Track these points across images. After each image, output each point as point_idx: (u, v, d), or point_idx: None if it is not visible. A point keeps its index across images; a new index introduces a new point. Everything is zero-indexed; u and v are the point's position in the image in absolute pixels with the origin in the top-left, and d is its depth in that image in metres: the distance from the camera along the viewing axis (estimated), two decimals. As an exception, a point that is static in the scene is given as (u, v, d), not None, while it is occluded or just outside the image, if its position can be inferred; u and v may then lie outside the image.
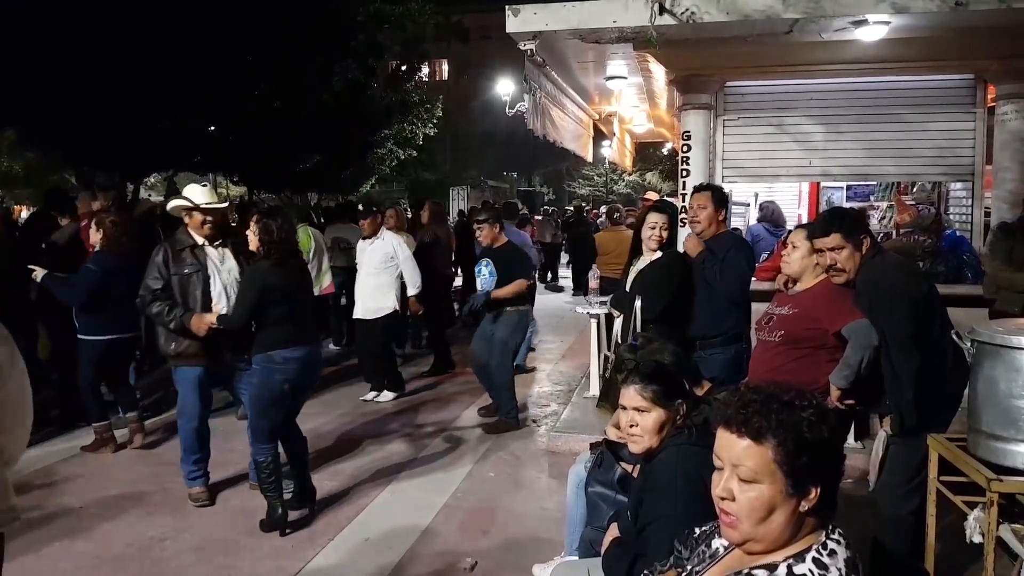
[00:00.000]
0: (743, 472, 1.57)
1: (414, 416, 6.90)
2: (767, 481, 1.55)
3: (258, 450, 4.45)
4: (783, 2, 5.06)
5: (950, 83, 6.67)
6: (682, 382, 2.85)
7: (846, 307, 3.47)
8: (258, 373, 4.39)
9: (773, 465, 1.55)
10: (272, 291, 4.33)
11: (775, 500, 1.55)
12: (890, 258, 3.52)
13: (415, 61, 19.93)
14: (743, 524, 1.58)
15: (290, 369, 4.36)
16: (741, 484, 1.58)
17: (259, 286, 4.35)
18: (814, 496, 1.55)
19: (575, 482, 3.75)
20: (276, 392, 4.38)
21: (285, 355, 4.34)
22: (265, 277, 4.35)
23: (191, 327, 4.57)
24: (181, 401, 4.92)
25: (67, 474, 5.39)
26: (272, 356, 4.34)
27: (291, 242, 4.53)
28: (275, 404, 4.42)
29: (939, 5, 4.90)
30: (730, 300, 4.57)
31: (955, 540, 3.17)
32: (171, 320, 4.60)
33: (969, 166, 6.65)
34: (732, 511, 1.59)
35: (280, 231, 4.39)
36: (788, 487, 1.55)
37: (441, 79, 43.38)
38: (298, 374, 4.40)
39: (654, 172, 32.37)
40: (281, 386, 4.37)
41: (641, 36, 5.47)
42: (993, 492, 2.87)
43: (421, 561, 4.17)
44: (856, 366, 3.38)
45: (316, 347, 4.63)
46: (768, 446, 1.55)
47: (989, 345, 3.02)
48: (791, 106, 6.90)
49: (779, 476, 1.55)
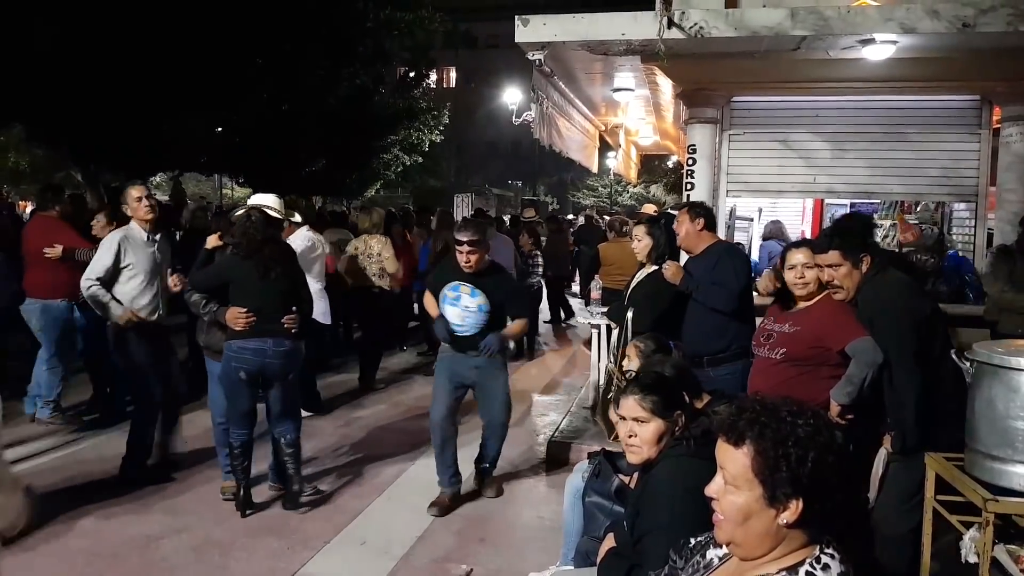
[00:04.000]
0: (727, 476, 1.62)
1: (412, 422, 6.90)
2: (745, 488, 1.58)
3: (233, 434, 4.71)
4: (791, 19, 5.10)
5: (956, 104, 6.69)
6: (681, 394, 2.87)
7: (850, 325, 3.45)
8: (223, 361, 4.68)
9: (750, 473, 1.57)
10: (234, 281, 4.61)
11: (751, 508, 1.57)
12: (892, 276, 3.53)
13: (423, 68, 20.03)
14: (726, 525, 1.62)
15: (243, 359, 4.56)
16: (726, 487, 1.62)
17: (220, 271, 4.73)
18: (795, 509, 1.54)
19: (572, 492, 3.76)
20: (233, 379, 4.60)
21: (239, 345, 4.57)
22: (229, 267, 4.68)
23: (223, 320, 4.66)
24: (210, 394, 5.10)
25: (63, 471, 5.39)
26: (230, 345, 4.61)
27: (260, 240, 4.65)
28: (234, 391, 4.64)
29: (947, 26, 4.93)
30: (721, 313, 4.53)
31: (950, 560, 3.16)
32: (206, 312, 4.78)
33: (973, 187, 6.67)
34: (717, 510, 1.64)
35: (248, 230, 4.63)
36: (764, 497, 1.56)
37: (448, 86, 43.53)
38: (252, 364, 4.58)
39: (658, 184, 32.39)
40: (236, 374, 4.58)
41: (649, 49, 5.51)
42: (989, 512, 2.87)
43: (417, 567, 4.17)
44: (859, 383, 3.37)
45: (277, 340, 4.62)
46: (746, 453, 1.58)
47: (988, 365, 3.02)
48: (797, 122, 6.92)
49: (756, 485, 1.57)
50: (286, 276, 4.74)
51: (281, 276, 4.69)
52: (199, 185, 32.29)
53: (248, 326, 4.54)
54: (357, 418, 7.01)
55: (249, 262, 4.60)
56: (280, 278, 4.67)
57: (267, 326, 4.59)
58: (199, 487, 5.15)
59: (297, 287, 4.84)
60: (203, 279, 4.78)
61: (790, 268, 3.70)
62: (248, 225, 4.65)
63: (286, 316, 4.65)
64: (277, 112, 13.35)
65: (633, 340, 3.90)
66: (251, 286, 4.59)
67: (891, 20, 5.02)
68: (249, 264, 4.60)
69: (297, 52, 12.51)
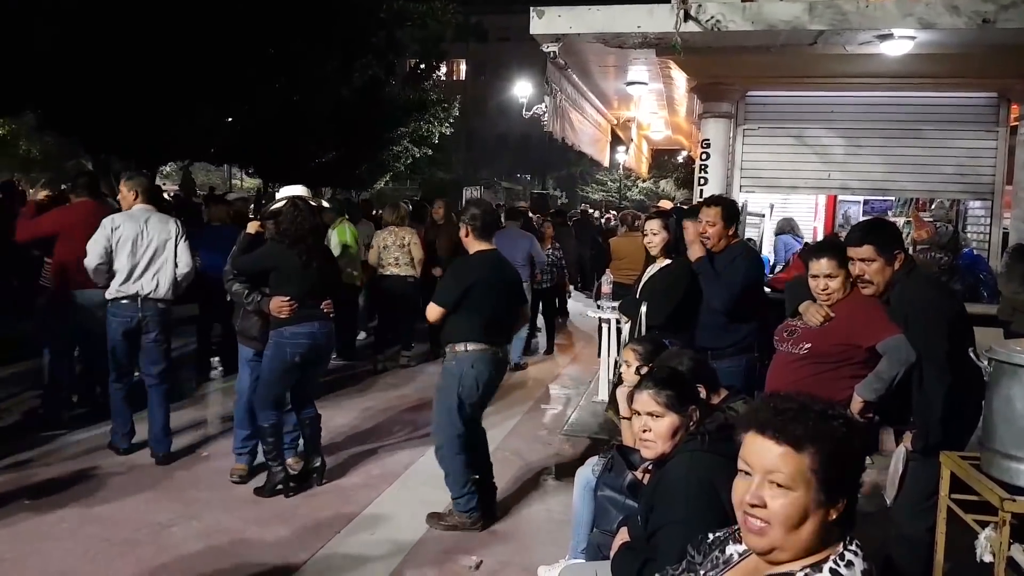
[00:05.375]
0: (779, 478, 1.57)
1: (424, 413, 6.90)
2: (802, 489, 1.56)
3: (263, 416, 4.83)
4: (809, 13, 5.07)
5: (973, 101, 6.65)
6: (695, 388, 2.85)
7: (882, 322, 3.41)
8: (272, 347, 4.77)
9: (809, 473, 1.56)
10: (277, 268, 4.75)
11: (808, 508, 1.56)
12: (923, 275, 3.49)
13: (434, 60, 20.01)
14: (774, 531, 1.58)
15: (299, 343, 4.73)
16: (774, 491, 1.58)
17: (265, 258, 4.82)
18: (842, 506, 1.57)
19: (582, 485, 3.75)
20: (288, 363, 4.75)
21: (293, 330, 4.72)
22: (274, 254, 4.79)
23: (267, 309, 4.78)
24: (239, 377, 5.25)
25: (77, 459, 5.42)
26: (282, 331, 4.73)
27: (307, 230, 4.80)
28: (285, 375, 4.80)
29: (966, 22, 4.89)
30: (720, 311, 4.50)
31: (965, 559, 3.15)
32: (249, 302, 4.87)
33: (989, 185, 6.63)
34: (763, 517, 1.58)
35: (296, 219, 4.76)
36: (821, 496, 1.56)
37: (458, 79, 43.50)
38: (306, 348, 4.76)
39: (668, 180, 32.33)
40: (292, 358, 4.74)
41: (665, 42, 5.48)
42: (1006, 512, 2.85)
43: (426, 558, 4.17)
44: (889, 381, 3.33)
45: (324, 324, 4.86)
46: (807, 454, 1.56)
47: (1007, 364, 3.00)
48: (812, 118, 6.89)
49: (814, 484, 1.55)
50: (326, 264, 4.99)
51: (322, 264, 4.90)
52: (209, 175, 32.41)
53: (292, 313, 4.71)
54: (366, 408, 7.02)
55: (293, 250, 4.74)
56: (321, 266, 4.87)
57: (310, 311, 4.78)
58: (210, 476, 5.17)
59: (334, 275, 5.15)
60: (247, 264, 4.89)
61: (813, 277, 3.65)
62: (295, 215, 4.77)
63: (324, 303, 4.87)
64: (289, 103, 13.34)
65: (629, 344, 3.88)
66: (294, 273, 4.73)
67: (910, 15, 4.99)
68: (293, 252, 4.73)
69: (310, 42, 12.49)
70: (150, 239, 5.26)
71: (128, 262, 5.18)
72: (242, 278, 4.89)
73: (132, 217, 5.28)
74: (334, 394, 7.31)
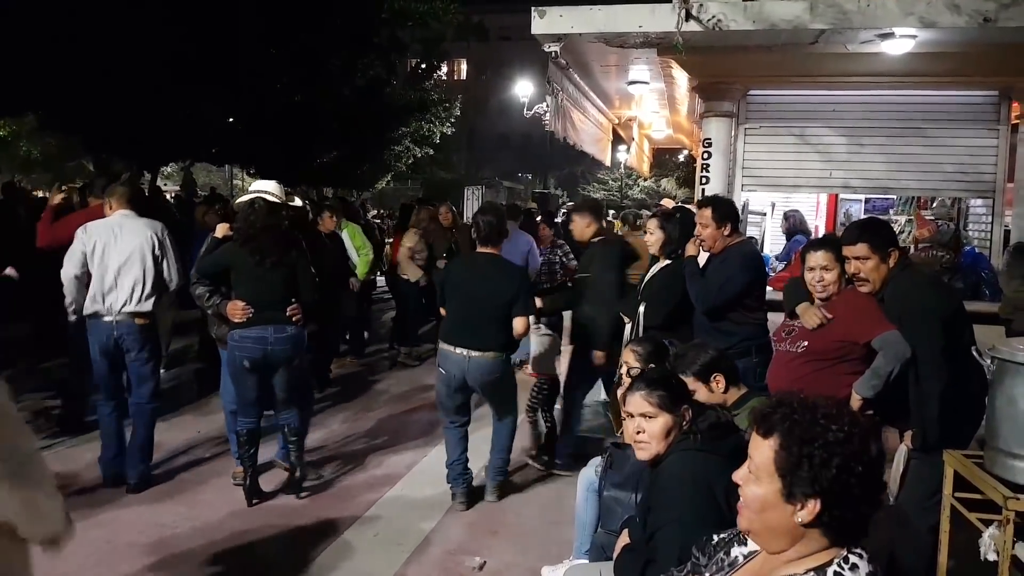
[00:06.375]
0: (751, 465, 1.64)
1: (426, 414, 6.91)
2: (765, 479, 1.60)
3: (236, 421, 4.84)
4: (810, 12, 5.07)
5: (974, 99, 6.64)
6: (685, 388, 2.87)
7: (877, 318, 3.42)
8: (228, 351, 4.78)
9: (772, 466, 1.58)
10: (233, 267, 4.66)
11: (768, 500, 1.59)
12: (919, 272, 3.50)
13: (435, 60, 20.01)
14: (745, 512, 1.65)
15: (245, 348, 4.60)
16: (747, 476, 1.65)
17: (219, 256, 4.77)
18: (811, 510, 1.53)
19: (585, 485, 3.76)
20: (237, 367, 4.68)
21: (241, 333, 4.61)
22: (226, 253, 4.73)
23: (226, 313, 4.67)
24: (222, 383, 5.21)
25: (80, 462, 5.42)
26: (232, 334, 4.66)
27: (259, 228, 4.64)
28: (239, 379, 4.75)
29: (967, 20, 4.89)
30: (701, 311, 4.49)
31: (969, 557, 3.15)
32: (209, 306, 4.79)
33: (990, 183, 6.62)
34: (741, 498, 1.67)
35: (248, 218, 4.66)
36: (782, 492, 1.57)
37: (459, 79, 43.48)
38: (255, 352, 4.60)
39: (669, 179, 32.31)
40: (240, 363, 4.63)
41: (666, 42, 5.48)
42: (1010, 510, 2.86)
43: (430, 559, 4.18)
44: (885, 377, 3.34)
45: (278, 327, 4.61)
46: (771, 446, 1.59)
47: (1010, 363, 3.00)
48: (813, 117, 6.88)
49: (776, 479, 1.58)
50: (284, 264, 4.69)
51: (278, 264, 4.65)
52: (210, 175, 32.42)
53: (246, 318, 4.56)
54: (369, 409, 7.02)
55: (245, 249, 4.63)
56: (277, 266, 4.65)
57: (267, 313, 4.60)
58: (213, 479, 5.17)
59: (297, 276, 4.73)
60: (207, 265, 4.85)
61: (809, 270, 3.65)
62: (249, 212, 4.68)
63: (289, 308, 4.64)
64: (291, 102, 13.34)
65: (629, 344, 3.88)
66: (248, 272, 4.62)
67: (911, 14, 4.99)
68: (245, 251, 4.63)
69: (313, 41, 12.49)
70: (121, 248, 4.84)
71: (99, 273, 4.81)
72: (205, 281, 4.77)
73: (107, 225, 4.91)
74: (336, 394, 7.33)
